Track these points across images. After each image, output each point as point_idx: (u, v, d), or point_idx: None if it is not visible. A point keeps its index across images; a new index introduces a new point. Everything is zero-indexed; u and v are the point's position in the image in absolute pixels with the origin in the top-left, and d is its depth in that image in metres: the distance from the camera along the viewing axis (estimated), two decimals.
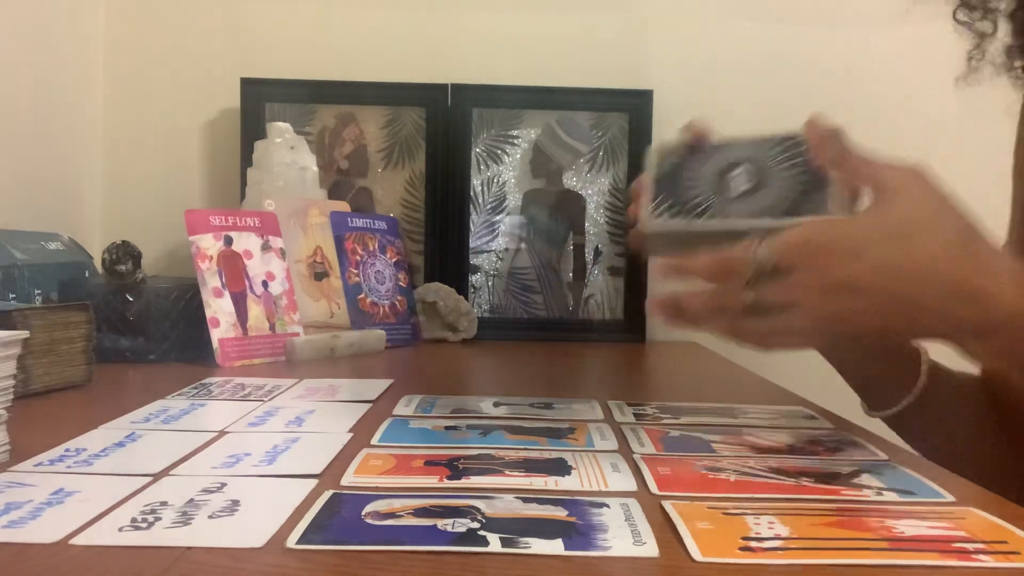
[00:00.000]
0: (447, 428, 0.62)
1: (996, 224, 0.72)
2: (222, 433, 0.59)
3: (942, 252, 0.52)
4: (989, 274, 0.52)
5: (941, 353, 0.66)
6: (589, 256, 1.31)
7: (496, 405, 0.71)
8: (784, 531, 0.41)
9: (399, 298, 1.17)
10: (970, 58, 0.77)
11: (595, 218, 1.31)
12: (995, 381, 0.72)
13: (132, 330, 0.91)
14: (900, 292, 0.52)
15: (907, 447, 0.69)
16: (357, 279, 1.13)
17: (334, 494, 0.45)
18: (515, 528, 0.40)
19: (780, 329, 0.55)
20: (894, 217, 0.53)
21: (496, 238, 1.31)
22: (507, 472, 0.50)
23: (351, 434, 0.59)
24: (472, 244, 1.30)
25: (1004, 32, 0.75)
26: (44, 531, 0.39)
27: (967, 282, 0.52)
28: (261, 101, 1.30)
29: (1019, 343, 0.53)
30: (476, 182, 1.30)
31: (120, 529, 0.39)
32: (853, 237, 0.53)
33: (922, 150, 0.66)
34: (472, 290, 1.30)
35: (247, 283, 0.96)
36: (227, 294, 0.94)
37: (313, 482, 0.47)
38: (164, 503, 0.43)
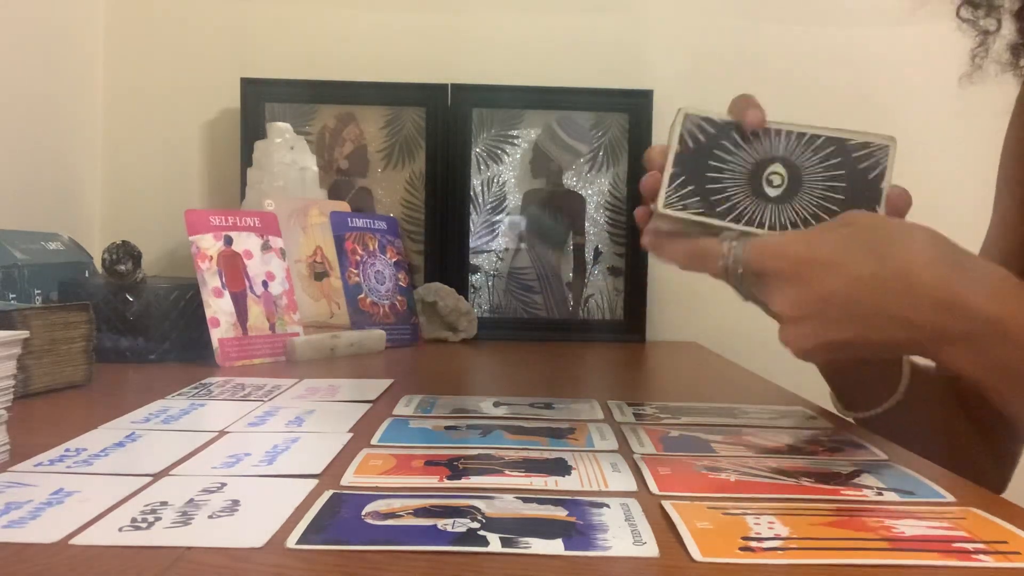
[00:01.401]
0: (447, 428, 0.62)
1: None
2: (222, 433, 0.59)
3: (915, 260, 0.51)
4: (965, 280, 0.51)
5: None
6: (589, 256, 1.31)
7: (496, 405, 0.71)
8: (784, 531, 0.41)
9: (399, 298, 1.17)
10: (974, 56, 0.76)
11: (595, 218, 1.31)
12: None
13: (132, 330, 0.91)
14: (876, 304, 0.51)
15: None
16: (357, 279, 1.13)
17: (334, 494, 0.45)
18: (515, 528, 0.40)
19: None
20: (865, 232, 0.53)
21: (496, 238, 1.31)
22: (507, 472, 0.50)
23: (351, 434, 0.59)
24: (472, 244, 1.30)
25: (1009, 30, 0.74)
26: (44, 531, 0.39)
27: (942, 289, 0.51)
28: (261, 101, 1.30)
29: (997, 351, 0.51)
30: (476, 182, 1.30)
31: (120, 529, 0.39)
32: (828, 251, 0.52)
33: (923, 149, 0.65)
34: (472, 290, 1.30)
35: (247, 283, 0.96)
36: (227, 294, 0.94)
37: (313, 482, 0.47)
38: (164, 503, 0.43)
